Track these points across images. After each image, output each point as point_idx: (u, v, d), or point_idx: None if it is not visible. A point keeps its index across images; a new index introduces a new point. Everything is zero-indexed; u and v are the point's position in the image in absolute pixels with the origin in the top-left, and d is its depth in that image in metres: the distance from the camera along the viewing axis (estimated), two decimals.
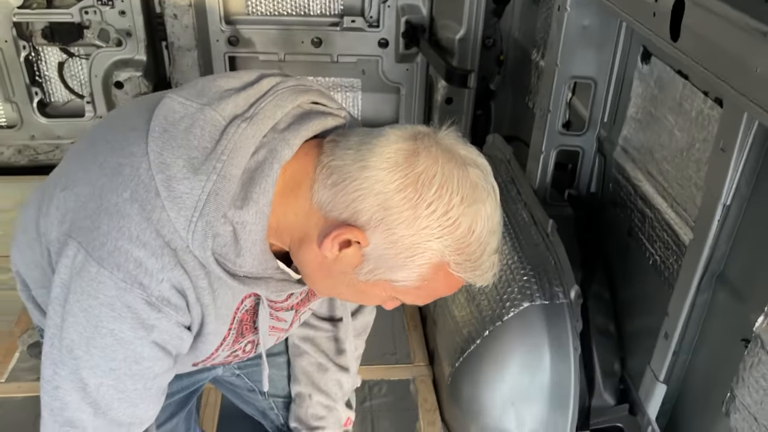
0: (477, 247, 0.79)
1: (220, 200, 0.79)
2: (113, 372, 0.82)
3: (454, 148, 0.79)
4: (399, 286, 0.81)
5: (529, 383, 1.37)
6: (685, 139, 1.19)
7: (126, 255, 0.78)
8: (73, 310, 0.80)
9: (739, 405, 1.03)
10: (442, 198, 0.76)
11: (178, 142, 0.80)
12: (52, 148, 2.57)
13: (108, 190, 0.81)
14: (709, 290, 1.09)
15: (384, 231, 0.77)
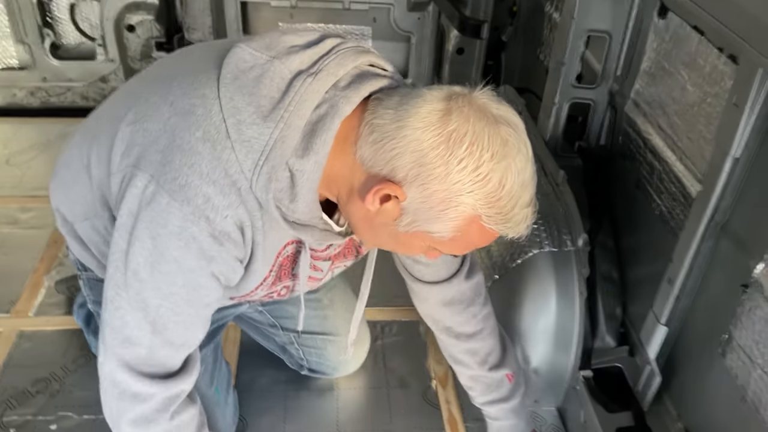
0: (508, 201, 0.82)
1: (284, 147, 0.84)
2: (172, 296, 0.88)
3: (486, 107, 0.82)
4: (435, 236, 0.86)
5: (536, 325, 1.45)
6: (697, 94, 1.23)
7: (196, 190, 0.84)
8: (140, 237, 0.85)
9: (735, 346, 1.10)
10: (473, 154, 0.80)
11: (248, 90, 0.85)
12: (64, 91, 2.58)
13: (180, 129, 0.85)
14: (713, 239, 1.15)
15: (419, 186, 0.81)
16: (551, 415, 1.51)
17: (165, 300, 0.88)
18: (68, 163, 1.07)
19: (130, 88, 1.02)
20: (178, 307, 0.89)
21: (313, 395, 1.52)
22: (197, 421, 1.00)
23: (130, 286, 0.87)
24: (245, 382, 1.53)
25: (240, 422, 1.43)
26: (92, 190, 1.01)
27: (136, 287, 0.87)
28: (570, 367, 1.45)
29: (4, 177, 2.18)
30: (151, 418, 0.94)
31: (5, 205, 2.05)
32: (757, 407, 1.05)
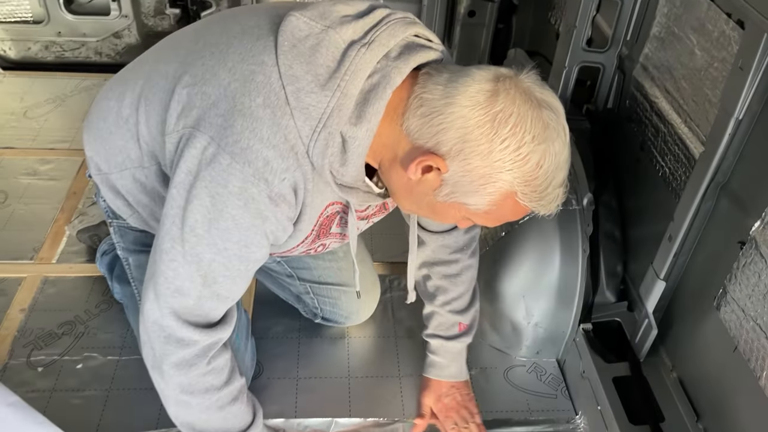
0: (543, 181, 0.88)
1: (341, 115, 0.89)
2: (226, 251, 0.94)
3: (531, 90, 0.86)
4: (471, 208, 0.92)
5: (540, 280, 1.51)
6: (704, 58, 1.27)
7: (256, 153, 0.88)
8: (200, 195, 0.91)
9: (729, 299, 1.16)
10: (516, 135, 0.84)
11: (305, 58, 0.89)
12: (78, 46, 2.61)
13: (241, 94, 0.90)
14: (713, 199, 1.21)
15: (462, 161, 0.86)
16: (551, 366, 1.59)
17: (218, 255, 0.94)
18: (105, 114, 1.11)
19: (178, 47, 1.05)
20: (230, 262, 0.95)
21: (325, 342, 1.59)
22: (230, 365, 1.08)
23: (186, 240, 0.93)
24: (261, 330, 1.60)
25: (257, 366, 1.50)
26: (137, 143, 1.06)
27: (192, 242, 0.93)
28: (571, 321, 1.52)
29: (23, 130, 2.23)
30: (192, 363, 1.01)
31: (25, 157, 2.10)
32: (747, 358, 1.12)
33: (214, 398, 1.06)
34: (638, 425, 1.29)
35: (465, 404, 1.39)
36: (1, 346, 1.50)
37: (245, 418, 1.13)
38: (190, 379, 1.03)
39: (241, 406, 1.11)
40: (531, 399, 1.51)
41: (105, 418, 1.38)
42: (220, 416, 1.09)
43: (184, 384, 1.03)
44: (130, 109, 1.05)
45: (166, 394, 1.06)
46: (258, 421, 1.16)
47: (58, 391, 1.42)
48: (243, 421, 1.13)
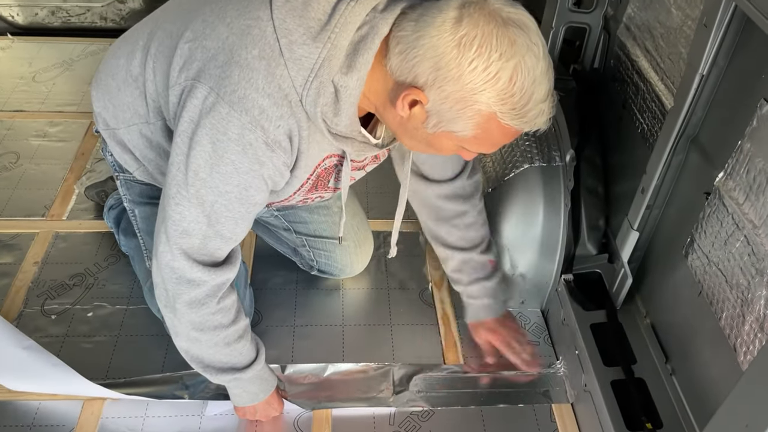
0: (521, 97, 0.90)
1: (331, 65, 0.95)
2: (227, 194, 1.02)
3: (498, 11, 0.88)
4: (460, 135, 0.95)
5: (524, 233, 1.58)
6: (679, 17, 1.32)
7: (253, 102, 0.95)
8: (201, 141, 0.98)
9: (696, 247, 1.23)
10: (482, 56, 0.87)
11: (298, 12, 0.95)
12: (84, 11, 2.67)
13: (238, 47, 0.96)
14: (683, 152, 1.26)
15: (437, 89, 0.90)
16: (535, 315, 1.67)
17: (220, 197, 1.01)
18: (114, 72, 1.18)
19: (182, 6, 1.11)
20: (231, 204, 1.03)
21: (321, 294, 1.68)
22: (236, 306, 1.18)
23: (190, 185, 1.00)
24: (260, 282, 1.69)
25: (255, 315, 1.60)
26: (144, 100, 1.13)
27: (197, 186, 1.00)
28: (554, 272, 1.59)
29: (32, 93, 2.31)
30: (203, 302, 1.10)
31: (35, 119, 2.19)
32: (710, 301, 1.19)
33: (222, 335, 1.15)
34: (611, 367, 1.37)
35: (514, 330, 1.51)
36: (17, 296, 1.60)
37: (249, 355, 1.23)
38: (200, 317, 1.12)
39: (245, 344, 1.21)
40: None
41: (114, 361, 1.48)
42: (226, 352, 1.18)
43: (195, 321, 1.12)
44: (139, 68, 1.12)
45: (177, 331, 1.15)
46: (261, 357, 1.26)
47: (70, 337, 1.52)
48: (247, 358, 1.22)
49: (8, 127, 2.15)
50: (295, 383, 1.46)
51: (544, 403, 1.46)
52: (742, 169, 1.08)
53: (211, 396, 1.39)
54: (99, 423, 1.35)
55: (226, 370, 1.21)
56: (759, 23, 0.93)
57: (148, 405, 1.38)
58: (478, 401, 1.45)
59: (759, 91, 1.05)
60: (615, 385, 1.34)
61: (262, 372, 1.27)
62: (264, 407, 1.31)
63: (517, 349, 1.48)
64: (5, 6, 2.62)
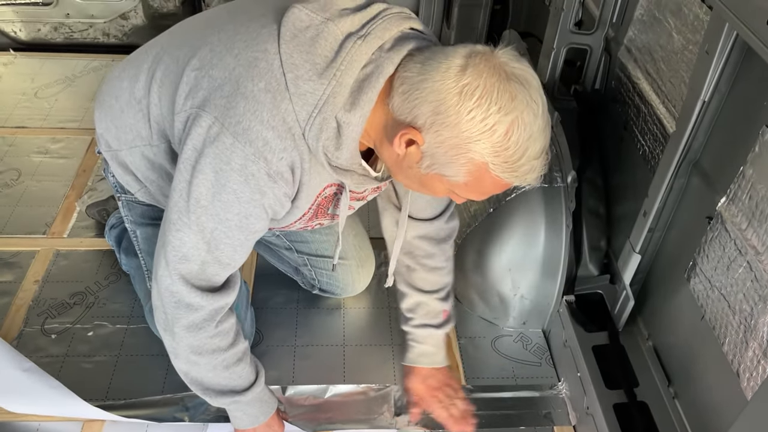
0: (515, 152, 0.91)
1: (335, 102, 0.96)
2: (227, 221, 1.02)
3: (503, 65, 0.90)
4: (451, 180, 0.96)
5: (526, 254, 1.58)
6: (680, 41, 1.33)
7: (257, 134, 0.96)
8: (204, 170, 0.99)
9: (698, 271, 1.23)
10: (481, 107, 0.88)
11: (305, 48, 0.97)
12: (86, 27, 2.68)
13: (244, 79, 0.97)
14: (685, 176, 1.27)
15: (434, 132, 0.92)
16: (537, 336, 1.66)
17: (220, 224, 1.02)
18: (117, 94, 1.19)
19: (189, 33, 1.13)
20: (231, 231, 1.03)
21: (322, 313, 1.68)
22: (235, 329, 1.17)
23: (191, 212, 1.01)
24: (261, 301, 1.69)
25: (256, 335, 1.59)
26: (147, 123, 1.14)
27: (198, 213, 1.01)
28: (555, 293, 1.59)
29: (34, 109, 2.31)
30: (200, 326, 1.10)
31: (36, 136, 2.19)
32: (713, 325, 1.19)
33: (221, 358, 1.15)
34: (614, 389, 1.37)
35: (448, 382, 1.45)
36: (17, 314, 1.60)
37: (249, 378, 1.22)
38: (198, 341, 1.12)
39: (245, 367, 1.21)
40: (516, 366, 1.59)
41: (114, 382, 1.47)
42: (225, 375, 1.18)
43: (194, 345, 1.12)
44: (143, 91, 1.13)
45: (177, 353, 1.15)
46: (260, 379, 1.25)
47: (70, 357, 1.52)
48: (247, 380, 1.22)
49: (10, 144, 2.15)
50: (295, 405, 1.45)
51: (545, 426, 1.45)
52: (744, 195, 1.09)
53: (212, 418, 1.39)
54: None
55: (226, 392, 1.20)
56: (760, 52, 0.94)
57: (148, 427, 1.38)
58: (480, 423, 1.44)
59: (761, 118, 1.05)
60: (617, 408, 1.33)
61: (262, 394, 1.27)
62: (264, 430, 1.31)
63: (445, 402, 1.42)
64: (8, 22, 2.63)
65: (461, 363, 1.58)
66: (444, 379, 1.45)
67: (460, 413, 1.41)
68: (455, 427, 1.40)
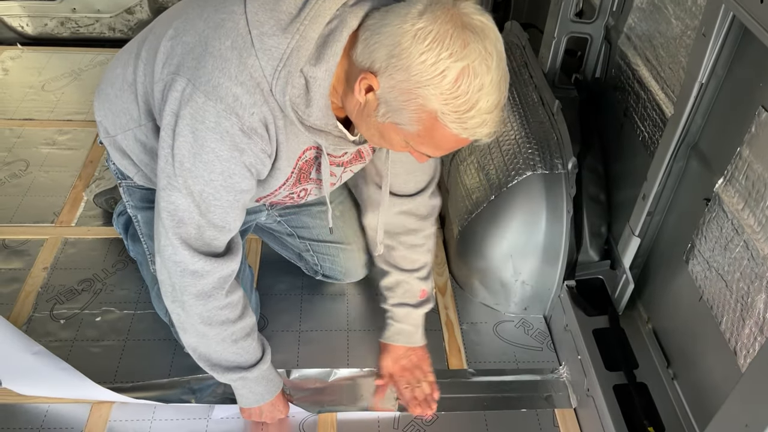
0: (464, 102, 0.90)
1: (300, 56, 0.99)
2: (212, 182, 1.05)
3: (462, 15, 0.90)
4: (405, 129, 0.97)
5: (527, 240, 1.60)
6: (679, 27, 1.34)
7: (226, 90, 0.99)
8: (182, 132, 1.02)
9: (696, 253, 1.25)
10: (432, 51, 0.89)
11: (270, 6, 1.00)
12: (92, 22, 2.71)
13: (212, 39, 1.01)
14: (684, 159, 1.29)
15: (388, 77, 0.93)
16: (538, 321, 1.68)
17: (206, 186, 1.05)
18: (113, 81, 1.23)
19: (171, 11, 1.16)
20: (218, 192, 1.06)
21: (326, 299, 1.70)
22: (243, 302, 1.21)
23: (178, 175, 1.04)
24: (266, 287, 1.71)
25: (261, 320, 1.61)
26: (137, 103, 1.17)
27: (183, 176, 1.04)
28: (556, 278, 1.61)
29: (42, 102, 2.34)
30: (210, 293, 1.13)
31: (44, 128, 2.22)
32: (710, 305, 1.20)
33: (230, 331, 1.18)
34: (614, 371, 1.39)
35: (419, 365, 1.47)
36: (26, 300, 1.62)
37: (256, 354, 1.25)
38: (209, 311, 1.14)
39: (252, 342, 1.23)
40: (518, 351, 1.61)
41: (122, 365, 1.50)
42: (233, 349, 1.21)
43: (204, 315, 1.15)
44: (133, 74, 1.17)
45: (185, 326, 1.17)
46: (267, 357, 1.27)
47: (79, 341, 1.54)
48: (254, 357, 1.24)
49: (18, 135, 2.18)
50: (300, 388, 1.47)
51: (547, 408, 1.47)
52: (741, 175, 1.10)
53: (218, 400, 1.41)
54: (107, 426, 1.37)
55: (233, 368, 1.23)
56: (756, 33, 0.96)
57: (155, 409, 1.40)
58: (482, 406, 1.47)
59: (757, 99, 1.07)
60: (617, 390, 1.35)
61: (268, 372, 1.29)
62: (269, 409, 1.33)
63: (412, 383, 1.44)
64: (15, 16, 2.66)
65: (463, 348, 1.60)
66: (417, 360, 1.47)
67: (424, 396, 1.44)
68: (416, 410, 1.42)
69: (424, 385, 1.45)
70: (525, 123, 1.66)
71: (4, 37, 2.70)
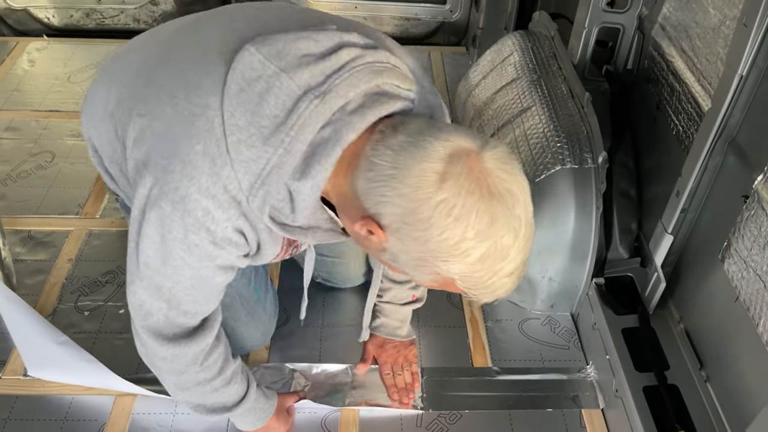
0: (485, 273, 0.81)
1: (282, 172, 0.85)
2: (182, 282, 0.95)
3: (487, 175, 0.78)
4: (414, 278, 0.89)
5: (555, 237, 1.56)
6: (717, 17, 1.29)
7: (195, 203, 0.86)
8: (149, 234, 0.90)
9: (733, 252, 1.21)
10: (455, 230, 0.78)
11: (251, 107, 0.84)
12: (117, 13, 2.72)
13: (182, 138, 0.86)
14: (721, 155, 1.24)
15: (399, 239, 0.82)
16: (565, 319, 1.65)
17: (176, 284, 0.95)
18: (96, 102, 1.09)
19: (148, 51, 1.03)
20: (188, 290, 0.96)
21: (348, 294, 1.68)
22: (223, 356, 1.10)
23: (143, 276, 0.94)
24: (287, 281, 1.70)
25: (283, 315, 1.60)
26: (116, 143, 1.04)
27: (148, 275, 0.94)
28: (585, 276, 1.57)
29: (67, 94, 2.35)
30: (183, 371, 1.06)
31: (69, 120, 2.23)
32: (747, 306, 1.16)
33: (209, 386, 1.11)
34: (643, 372, 1.35)
35: (405, 353, 1.46)
36: (52, 291, 1.63)
37: (239, 394, 1.18)
38: (183, 382, 1.09)
39: (234, 386, 1.15)
40: (544, 349, 1.58)
41: None
42: (214, 396, 1.14)
43: (179, 383, 1.10)
44: (114, 106, 1.02)
45: (170, 392, 1.14)
46: (251, 392, 1.19)
47: (102, 333, 1.55)
48: (237, 396, 1.17)
49: (44, 127, 2.19)
50: (322, 383, 1.46)
51: (573, 408, 1.44)
52: None
53: None
54: (130, 418, 1.37)
55: (217, 409, 1.17)
56: None
57: (177, 402, 1.39)
58: (507, 405, 1.44)
59: None
60: (647, 391, 1.32)
61: (255, 403, 1.22)
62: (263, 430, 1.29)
63: (395, 369, 1.43)
64: (41, 8, 2.68)
65: (488, 346, 1.57)
66: (402, 349, 1.46)
67: (405, 384, 1.43)
68: (394, 396, 1.42)
69: (405, 374, 1.44)
70: (554, 116, 1.62)
71: (30, 29, 2.72)
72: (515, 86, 1.79)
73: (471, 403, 1.44)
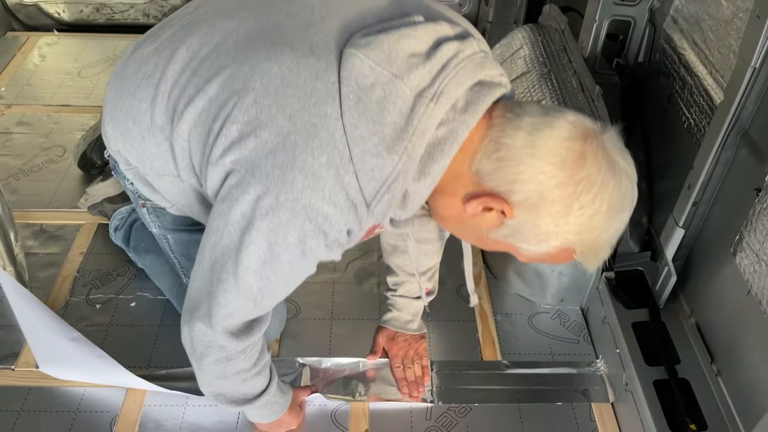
0: (603, 244, 0.89)
1: (406, 177, 0.88)
2: (277, 283, 0.96)
3: (614, 155, 0.85)
4: (522, 251, 0.91)
5: None
6: (730, 9, 1.28)
7: (317, 210, 0.86)
8: (256, 241, 0.89)
9: (745, 245, 1.20)
10: (594, 204, 0.83)
11: (372, 116, 0.85)
12: (127, 8, 2.72)
13: (302, 150, 0.84)
14: (733, 148, 1.23)
15: (533, 214, 0.85)
16: (575, 313, 1.64)
17: (269, 284, 0.95)
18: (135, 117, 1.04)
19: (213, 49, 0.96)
20: (279, 288, 0.98)
21: (358, 287, 1.69)
22: (260, 346, 1.12)
23: (240, 277, 0.93)
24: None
25: (293, 307, 1.61)
26: (173, 157, 1.03)
27: (246, 278, 0.93)
28: (594, 269, 1.57)
29: (78, 89, 2.36)
30: (231, 358, 1.06)
31: (80, 114, 2.24)
32: (759, 300, 1.16)
33: (244, 376, 1.12)
34: (654, 366, 1.35)
35: (415, 347, 1.46)
36: (64, 285, 1.64)
37: (262, 386, 1.19)
38: (225, 371, 1.09)
39: (261, 378, 1.17)
40: (553, 343, 1.57)
41: (156, 351, 1.51)
42: (243, 385, 1.15)
43: (220, 373, 1.09)
44: (164, 118, 1.00)
45: (200, 379, 1.13)
46: (272, 386, 1.20)
47: (114, 326, 1.56)
48: (260, 388, 1.19)
49: (55, 122, 2.20)
50: (332, 377, 1.46)
51: (583, 402, 1.44)
52: None
53: None
54: (141, 410, 1.38)
55: (238, 401, 1.17)
56: None
57: (188, 395, 1.40)
58: (516, 399, 1.44)
59: None
60: (657, 385, 1.31)
61: (274, 397, 1.23)
62: (276, 425, 1.30)
63: (405, 363, 1.44)
64: (52, 3, 2.69)
65: (497, 339, 1.57)
66: (412, 342, 1.47)
67: (415, 378, 1.44)
68: (404, 389, 1.43)
69: (416, 367, 1.45)
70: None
71: (40, 24, 2.73)
72: (525, 80, 1.78)
73: (480, 396, 1.44)
